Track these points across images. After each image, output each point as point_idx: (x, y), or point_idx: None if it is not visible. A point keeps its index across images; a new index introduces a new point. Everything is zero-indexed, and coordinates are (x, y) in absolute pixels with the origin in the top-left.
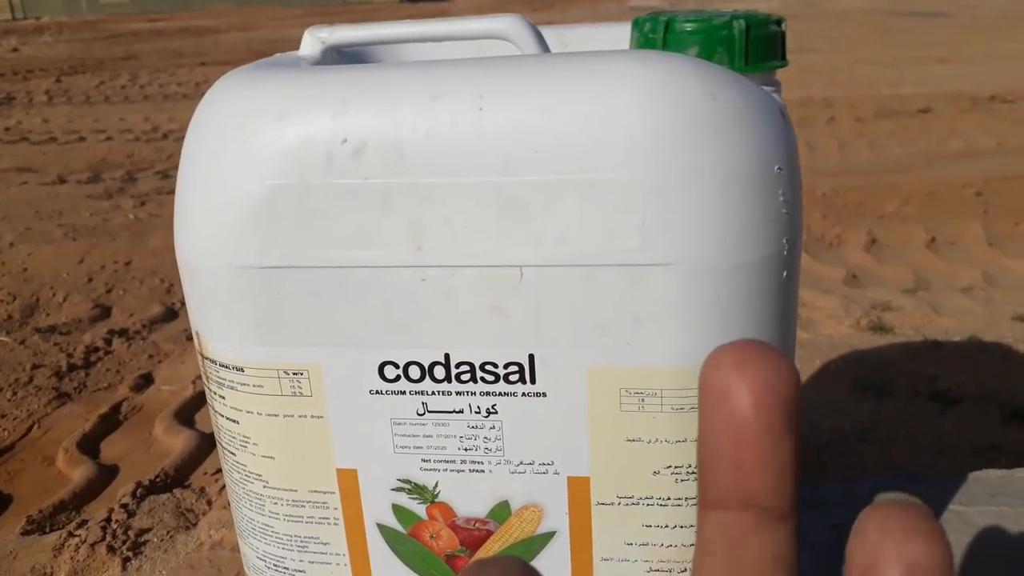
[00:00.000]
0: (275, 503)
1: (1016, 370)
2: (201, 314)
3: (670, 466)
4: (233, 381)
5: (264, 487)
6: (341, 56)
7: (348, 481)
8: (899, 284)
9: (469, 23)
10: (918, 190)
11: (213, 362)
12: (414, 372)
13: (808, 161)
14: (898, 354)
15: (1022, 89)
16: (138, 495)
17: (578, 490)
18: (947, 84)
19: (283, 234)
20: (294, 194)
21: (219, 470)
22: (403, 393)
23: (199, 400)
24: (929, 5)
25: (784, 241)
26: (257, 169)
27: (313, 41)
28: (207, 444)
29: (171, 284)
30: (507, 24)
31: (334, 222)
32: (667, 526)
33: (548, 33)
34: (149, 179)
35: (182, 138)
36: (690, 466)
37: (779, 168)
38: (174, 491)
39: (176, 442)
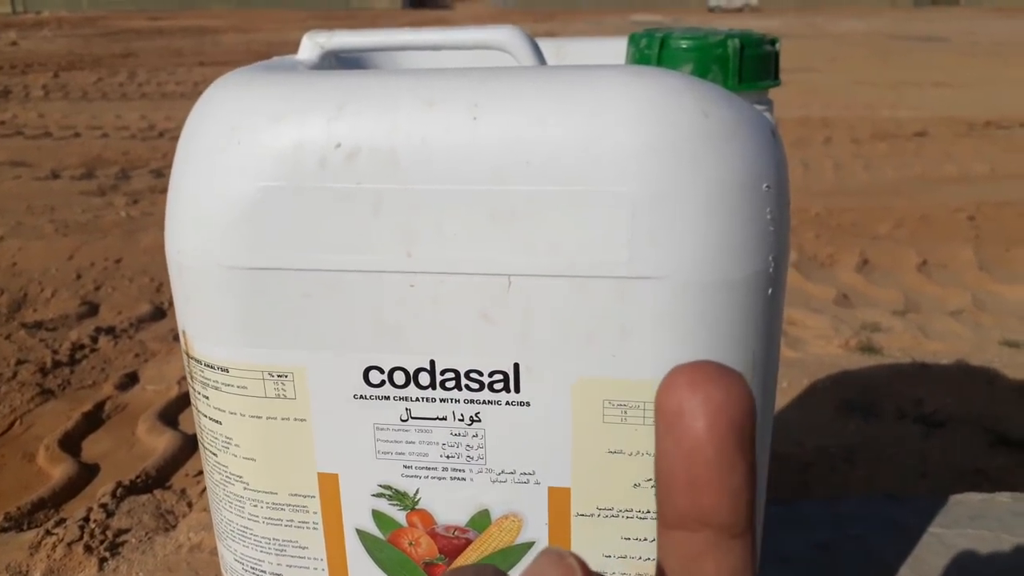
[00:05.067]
0: (255, 505)
1: (1002, 395)
2: (188, 313)
3: (651, 479)
4: (217, 381)
5: (244, 489)
6: (339, 62)
7: (329, 485)
8: (889, 306)
9: (467, 33)
10: (911, 213)
11: (198, 362)
12: (399, 378)
13: (803, 181)
14: (885, 375)
15: (1017, 116)
16: (118, 495)
17: (558, 501)
18: (944, 108)
19: (274, 236)
20: (286, 196)
21: (200, 472)
22: (387, 398)
23: (183, 401)
24: (928, 30)
25: (770, 259)
26: (250, 170)
27: (311, 46)
28: (190, 445)
29: (160, 283)
30: (504, 35)
31: (325, 226)
32: (646, 539)
33: (546, 45)
34: (143, 177)
35: (178, 138)
36: None
37: (767, 186)
38: (154, 492)
39: (159, 443)
